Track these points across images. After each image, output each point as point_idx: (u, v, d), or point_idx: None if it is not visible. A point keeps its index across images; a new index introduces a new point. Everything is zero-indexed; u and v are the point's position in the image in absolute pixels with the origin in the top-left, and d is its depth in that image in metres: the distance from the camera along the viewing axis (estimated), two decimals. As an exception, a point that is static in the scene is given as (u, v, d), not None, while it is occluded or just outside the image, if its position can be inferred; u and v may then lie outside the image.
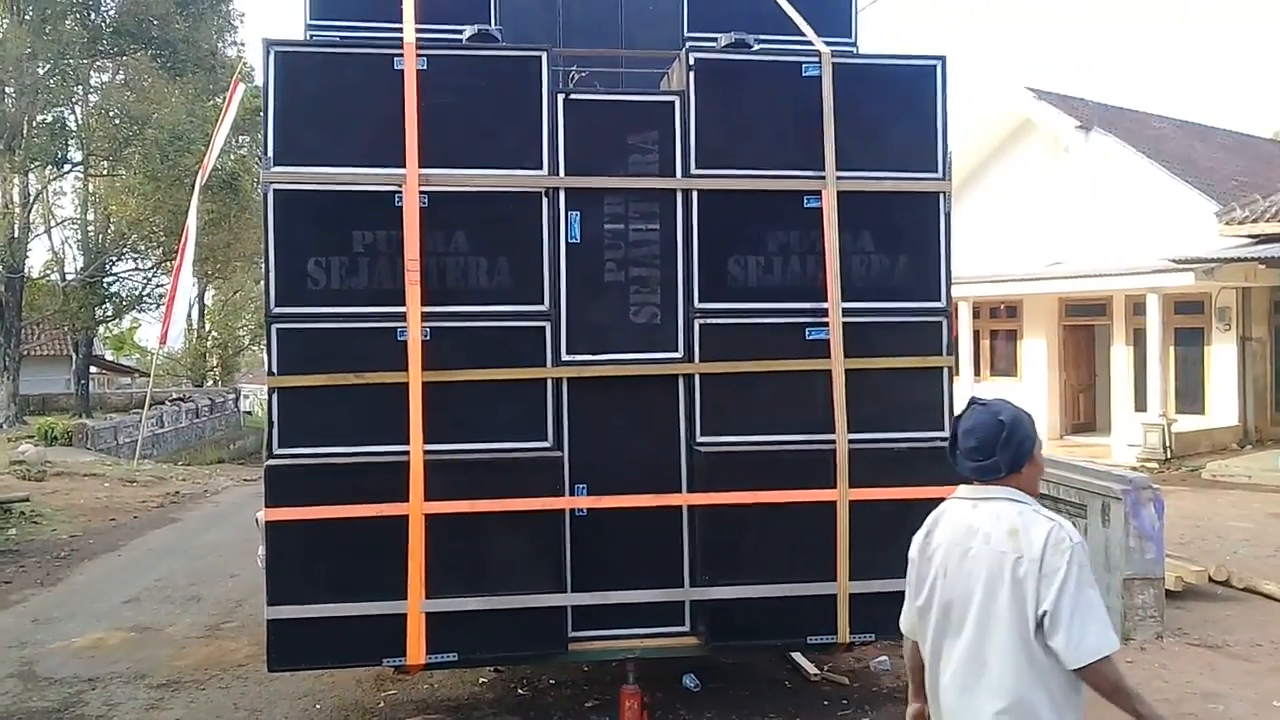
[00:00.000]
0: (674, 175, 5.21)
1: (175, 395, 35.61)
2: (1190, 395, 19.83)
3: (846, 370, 5.19)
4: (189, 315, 38.77)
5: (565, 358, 5.13)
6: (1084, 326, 22.38)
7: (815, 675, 5.98)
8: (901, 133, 5.40)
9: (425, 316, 4.89)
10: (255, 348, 49.74)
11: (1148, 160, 19.94)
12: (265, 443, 4.99)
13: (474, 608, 4.83)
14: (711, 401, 5.21)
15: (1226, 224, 17.06)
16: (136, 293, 31.00)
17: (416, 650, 4.78)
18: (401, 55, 4.95)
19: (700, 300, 5.21)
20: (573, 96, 5.19)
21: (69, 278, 29.13)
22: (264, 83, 4.92)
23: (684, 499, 5.18)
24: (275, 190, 4.90)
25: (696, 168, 5.21)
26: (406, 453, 4.80)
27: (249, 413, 45.09)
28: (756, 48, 5.39)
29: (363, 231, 4.95)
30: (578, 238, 5.15)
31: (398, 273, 4.92)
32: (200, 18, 28.77)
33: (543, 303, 5.08)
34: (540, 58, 5.08)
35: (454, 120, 5.02)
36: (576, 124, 5.15)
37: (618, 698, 5.21)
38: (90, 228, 29.37)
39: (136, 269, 30.57)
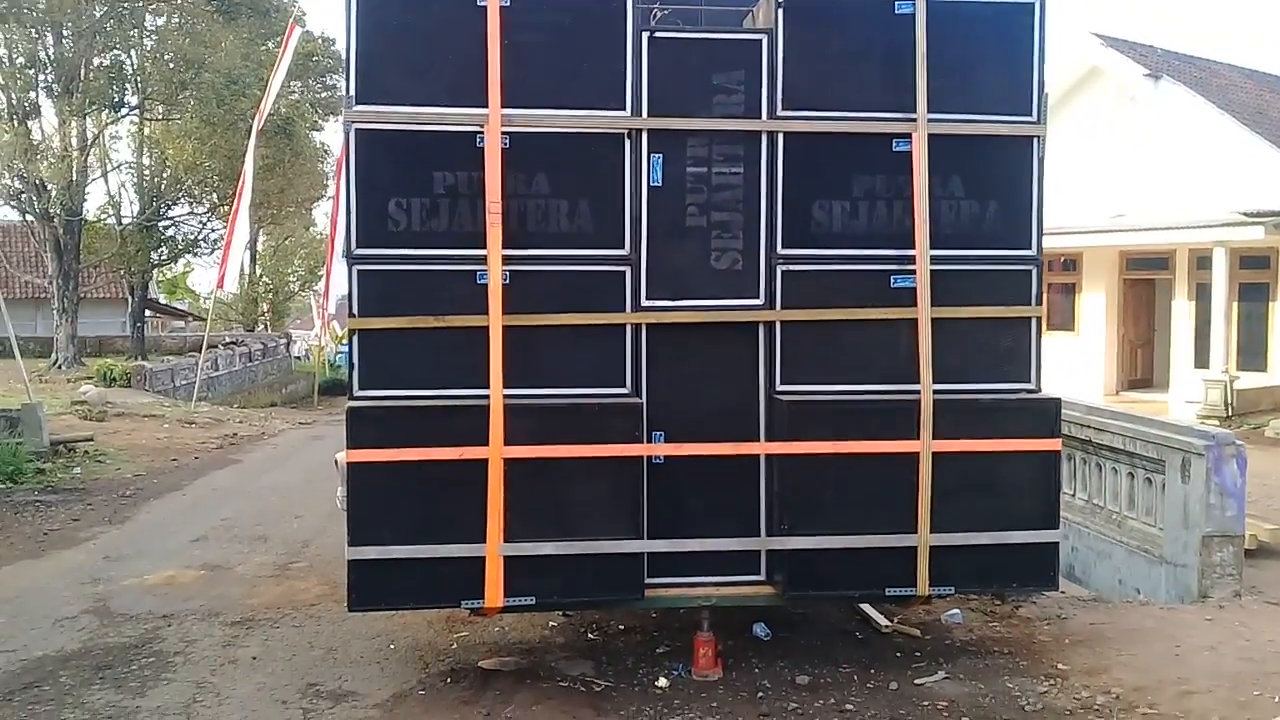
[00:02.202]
0: (759, 117, 5.08)
1: (228, 339, 36.05)
2: (1253, 352, 19.42)
3: (932, 319, 5.07)
4: (242, 261, 39.09)
5: (645, 303, 5.05)
6: (1144, 280, 21.95)
7: (887, 627, 5.92)
8: (996, 74, 5.23)
9: (505, 260, 4.83)
10: (305, 293, 50.21)
11: (1218, 110, 19.37)
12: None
13: (551, 552, 4.82)
14: (792, 350, 5.13)
15: (1302, 177, 16.54)
16: (191, 237, 31.27)
17: (494, 593, 4.78)
18: (484, -9, 4.84)
19: (783, 246, 5.11)
20: (657, 35, 5.06)
21: (125, 222, 29.36)
22: (345, 20, 4.83)
23: (762, 448, 5.12)
24: (357, 129, 4.84)
25: (783, 109, 5.07)
26: (486, 397, 4.77)
27: (299, 357, 45.60)
28: (847, -17, 5.22)
29: (444, 172, 4.89)
30: (659, 181, 5.05)
31: (478, 215, 4.86)
32: (254, -40, 28.65)
33: (623, 247, 5.01)
34: (625, -5, 4.96)
35: (537, 59, 4.92)
36: (660, 63, 5.03)
37: (691, 644, 5.20)
38: (146, 172, 29.53)
39: (191, 213, 30.77)
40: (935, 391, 5.02)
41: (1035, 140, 5.26)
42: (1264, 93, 22.98)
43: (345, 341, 45.42)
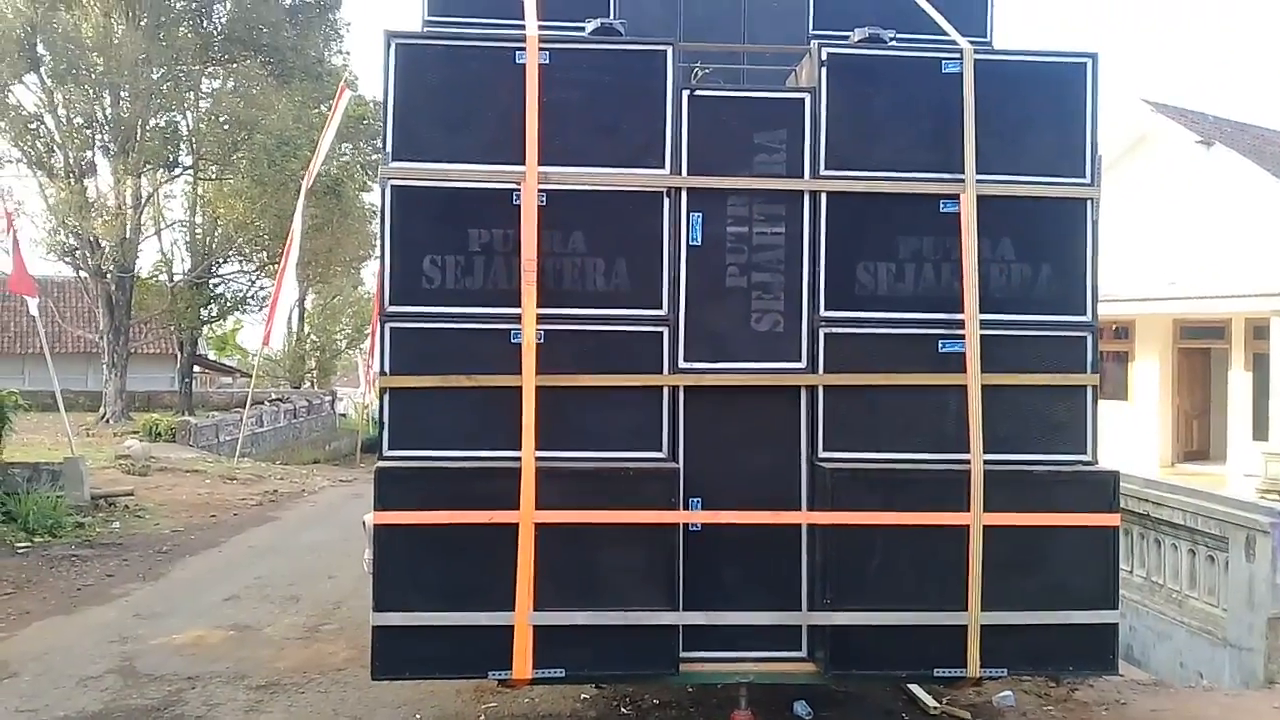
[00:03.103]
0: (802, 176, 4.96)
1: (274, 396, 36.34)
2: (1315, 425, 18.84)
3: (982, 386, 4.87)
4: (289, 318, 39.54)
5: (683, 365, 4.90)
6: (1199, 350, 21.46)
7: (935, 709, 5.64)
8: (1047, 135, 5.08)
9: (540, 319, 4.72)
10: (351, 352, 50.66)
11: (1273, 178, 19.03)
12: (375, 443, 4.88)
13: (583, 622, 4.63)
14: (835, 415, 4.94)
15: (1362, 245, 16.15)
16: (241, 294, 31.71)
17: (523, 664, 4.59)
18: (523, 49, 4.79)
19: (826, 308, 4.95)
20: (698, 93, 4.97)
21: (176, 278, 29.86)
22: (384, 76, 4.79)
23: (804, 517, 4.92)
24: (393, 186, 4.78)
25: (826, 169, 4.95)
26: (518, 459, 4.62)
27: (344, 415, 45.86)
28: (892, 42, 5.12)
29: (479, 230, 4.80)
30: (699, 240, 4.93)
31: (513, 273, 4.75)
32: (309, 26, 29.33)
33: (661, 307, 4.87)
34: (665, 52, 4.88)
35: (575, 116, 4.85)
36: (701, 121, 4.93)
37: (728, 722, 4.97)
38: (198, 230, 30.11)
39: (241, 271, 31.24)
40: (986, 462, 4.80)
41: (1089, 203, 5.09)
42: (1320, 160, 22.60)
43: (389, 400, 45.82)
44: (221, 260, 30.18)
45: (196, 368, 35.11)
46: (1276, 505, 6.72)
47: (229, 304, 32.06)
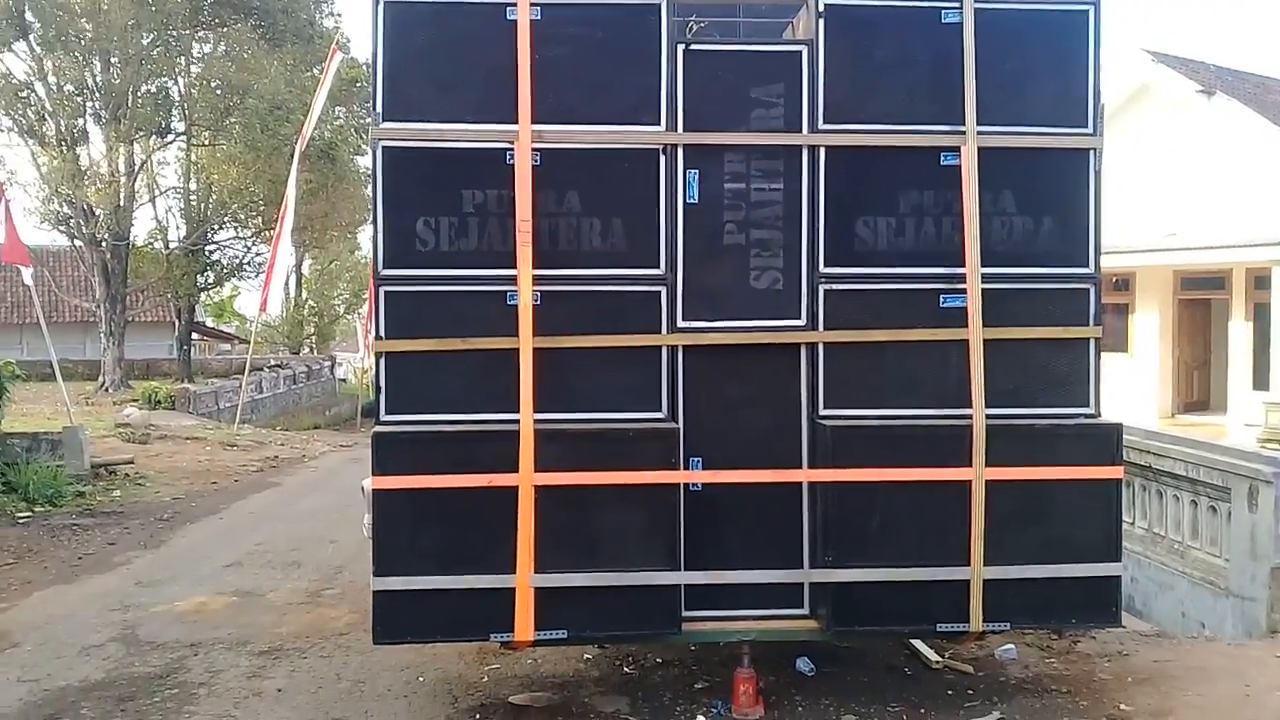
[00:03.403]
0: (800, 131, 4.89)
1: (273, 362, 36.32)
2: (1315, 374, 18.84)
3: (984, 341, 4.83)
4: (286, 284, 39.45)
5: (681, 324, 4.86)
6: (1200, 300, 21.43)
7: (937, 663, 5.65)
8: (1048, 85, 5.00)
9: (536, 280, 4.66)
10: (350, 316, 50.56)
11: (1275, 126, 18.88)
12: (374, 408, 4.84)
13: (584, 584, 4.62)
14: (836, 372, 4.91)
15: (1364, 193, 16.06)
16: (237, 261, 31.54)
17: (525, 626, 4.59)
18: (514, 5, 4.70)
19: (825, 265, 4.89)
20: (693, 47, 4.89)
21: (172, 246, 29.70)
22: (372, 36, 4.71)
23: (805, 475, 4.89)
24: (384, 147, 4.70)
25: (824, 123, 4.88)
26: (516, 421, 4.58)
27: (343, 380, 45.87)
28: (889, -8, 5.02)
29: (473, 190, 4.74)
30: (696, 198, 4.87)
31: (508, 234, 4.69)
32: (298, -13, 28.97)
33: (658, 266, 4.82)
34: (659, 6, 4.79)
35: (568, 73, 4.77)
36: (696, 76, 4.85)
37: (731, 680, 4.96)
38: (192, 197, 29.90)
39: (237, 237, 31.05)
40: (988, 416, 4.77)
41: (1091, 153, 5.02)
42: (1321, 108, 22.43)
43: (388, 364, 45.71)
44: (217, 226, 30.02)
45: (195, 335, 35.02)
46: (1278, 454, 6.70)
47: (226, 270, 31.92)
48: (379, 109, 4.70)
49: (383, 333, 4.74)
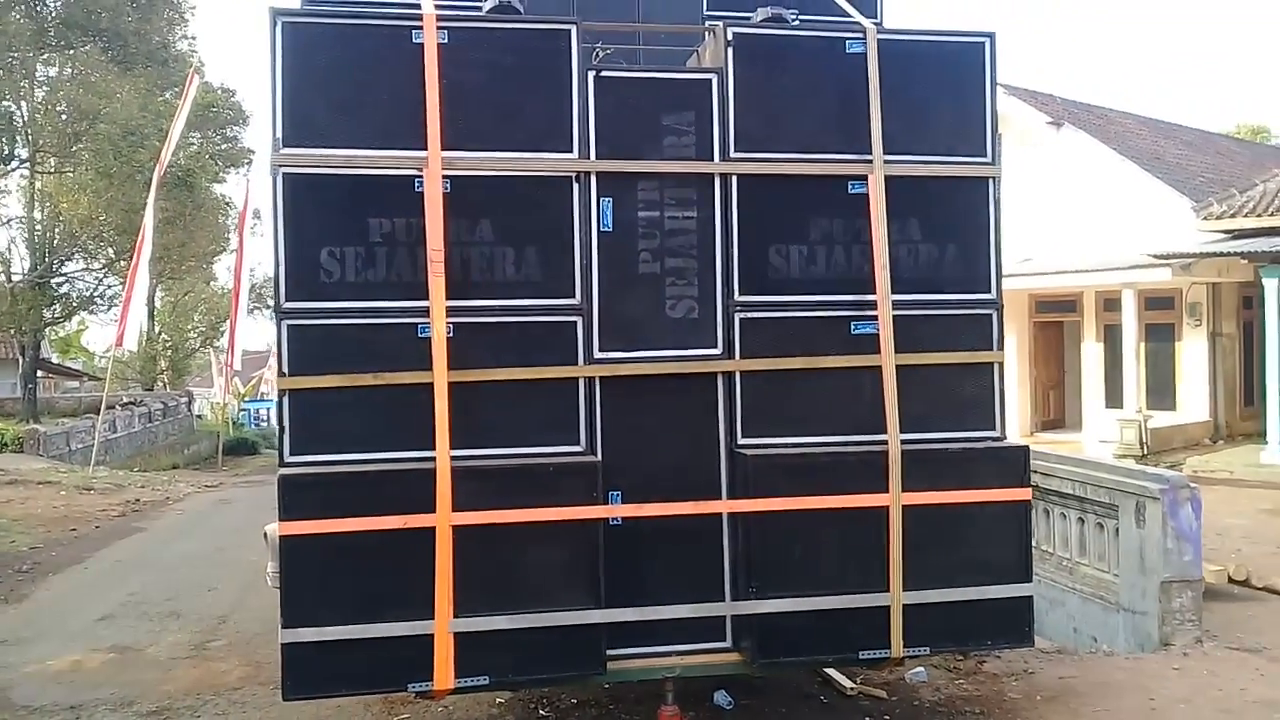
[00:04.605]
0: (711, 159, 4.87)
1: (126, 399, 34.60)
2: (1161, 391, 19.89)
3: (895, 366, 4.87)
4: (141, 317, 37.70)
5: (598, 355, 4.76)
6: (1054, 323, 22.41)
7: (851, 689, 5.67)
8: (948, 114, 5.09)
9: (449, 311, 4.50)
10: (205, 350, 48.69)
11: (1119, 156, 19.98)
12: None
13: (506, 626, 4.45)
14: (753, 401, 4.87)
15: (1204, 219, 17.10)
16: (87, 294, 30.03)
17: (444, 674, 4.38)
18: (421, 28, 4.56)
19: (740, 293, 4.87)
20: (603, 74, 4.82)
21: (15, 278, 28.12)
22: (271, 57, 4.47)
23: (726, 505, 4.84)
24: (285, 174, 4.47)
25: (735, 151, 4.86)
26: (431, 459, 4.40)
27: (200, 416, 44.14)
28: (796, 22, 5.06)
29: (380, 219, 4.55)
30: (610, 226, 4.79)
31: (419, 264, 4.52)
32: (151, 9, 27.86)
33: (574, 296, 4.71)
34: (570, 31, 4.72)
35: (477, 99, 4.63)
36: (608, 103, 4.79)
37: (651, 717, 4.86)
38: (38, 227, 28.36)
39: (87, 269, 29.59)
40: (901, 441, 4.81)
41: (990, 181, 5.13)
42: (1158, 139, 23.83)
43: (249, 399, 44.01)
44: (65, 258, 28.51)
45: (40, 372, 33.15)
46: (1166, 472, 6.96)
47: (75, 304, 30.32)
48: (279, 134, 4.48)
49: (285, 369, 4.49)
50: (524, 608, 4.46)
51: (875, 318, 4.90)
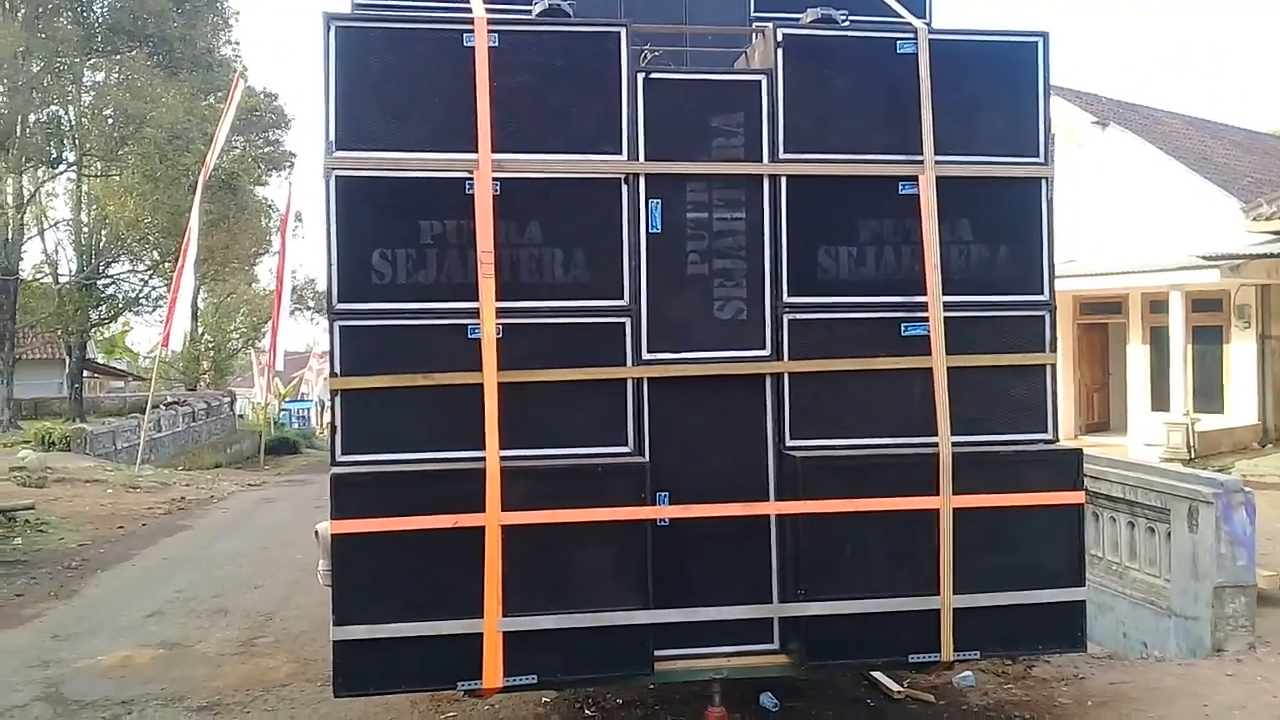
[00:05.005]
0: (761, 160, 4.85)
1: (170, 399, 35.08)
2: (1209, 394, 19.60)
3: (947, 368, 4.84)
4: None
5: (646, 356, 4.76)
6: (1098, 325, 22.15)
7: (899, 693, 5.63)
8: (1001, 114, 5.05)
9: (498, 312, 4.52)
10: (247, 351, 49.26)
11: (1167, 156, 19.71)
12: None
13: (554, 626, 4.46)
14: (802, 403, 4.85)
15: (1254, 219, 16.84)
16: (132, 295, 30.50)
17: (493, 672, 4.40)
18: (472, 31, 4.58)
19: (789, 294, 4.85)
20: (653, 75, 4.82)
21: (63, 280, 28.60)
22: (324, 61, 4.52)
23: (774, 507, 4.82)
24: (338, 177, 4.51)
25: (785, 152, 4.85)
26: (481, 459, 4.43)
27: (242, 416, 44.63)
28: (846, 23, 5.04)
29: (431, 221, 4.58)
30: (659, 227, 4.79)
31: (469, 265, 4.55)
32: (196, 15, 28.31)
33: (622, 297, 4.71)
34: (619, 34, 4.72)
35: (528, 101, 4.65)
36: (657, 105, 4.79)
37: (698, 718, 4.86)
38: (85, 229, 28.84)
39: (132, 271, 30.05)
40: (953, 444, 4.77)
41: (1043, 182, 5.08)
42: (1205, 138, 23.49)
43: (290, 399, 44.36)
44: (111, 260, 28.98)
45: (86, 372, 33.69)
46: (1219, 476, 6.86)
47: (120, 305, 30.81)
48: (332, 137, 4.52)
49: (338, 369, 4.53)
50: (572, 608, 4.47)
51: (926, 319, 4.87)
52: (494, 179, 4.56)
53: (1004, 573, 4.80)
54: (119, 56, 26.69)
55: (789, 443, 4.82)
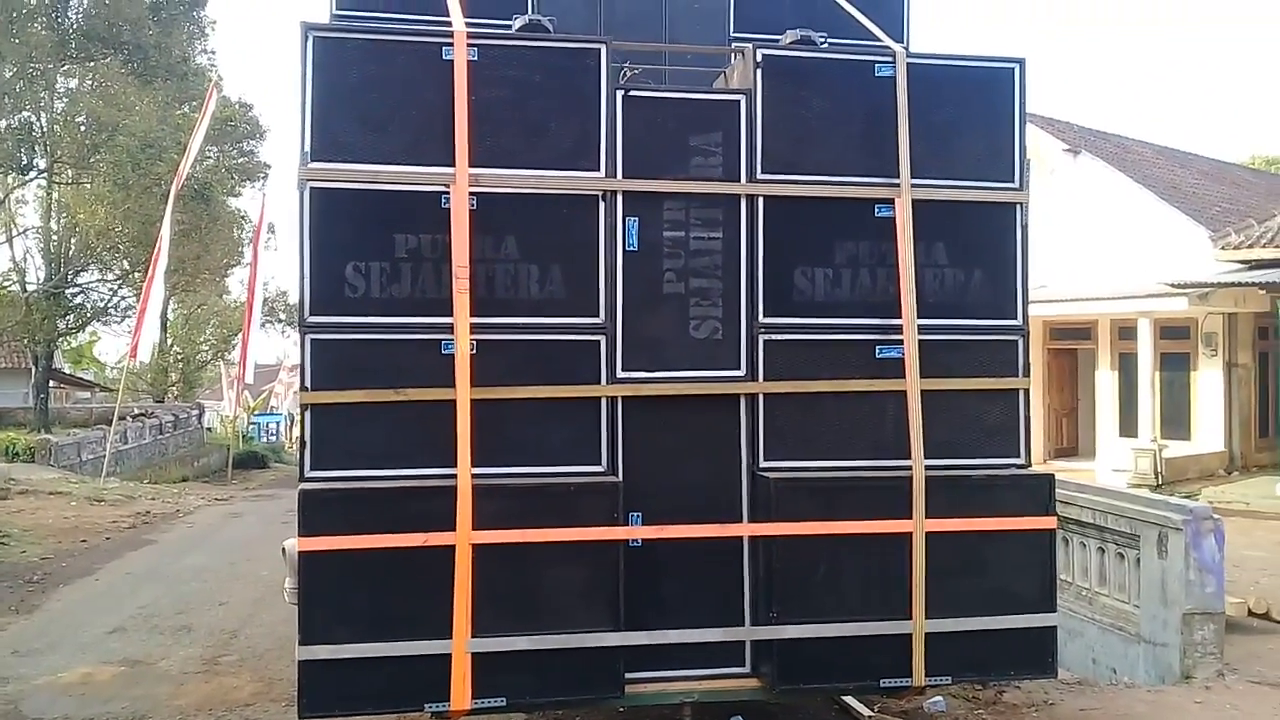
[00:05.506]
0: (738, 180, 4.85)
1: (137, 411, 34.64)
2: (1176, 421, 19.78)
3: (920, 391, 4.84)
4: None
5: (621, 375, 4.73)
6: (1068, 350, 22.34)
7: (870, 717, 5.60)
8: (977, 139, 5.08)
9: (473, 328, 4.48)
10: (216, 363, 48.79)
11: (1137, 185, 19.94)
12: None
13: (524, 647, 4.41)
14: (776, 423, 4.84)
15: (1222, 248, 17.04)
16: (101, 304, 30.13)
17: (461, 694, 4.35)
18: (451, 45, 4.55)
19: (765, 315, 4.84)
20: (632, 93, 4.81)
21: (31, 288, 28.23)
22: (301, 71, 4.48)
23: (747, 529, 4.80)
24: (312, 188, 4.47)
25: (762, 172, 4.85)
26: (452, 476, 4.37)
27: (210, 429, 44.15)
28: (825, 45, 5.05)
29: (406, 235, 4.53)
30: (635, 245, 4.77)
31: (443, 280, 4.51)
32: (172, 23, 28.05)
33: (598, 315, 4.69)
34: (599, 50, 4.71)
35: (506, 116, 4.63)
36: (635, 123, 4.78)
37: (667, 742, 4.81)
38: (54, 237, 28.50)
39: (101, 280, 29.70)
40: (926, 468, 4.77)
41: (1018, 207, 5.11)
42: (1175, 168, 23.79)
43: (259, 413, 43.92)
44: (80, 269, 28.62)
45: (52, 383, 33.22)
46: (1188, 502, 6.89)
47: (89, 315, 30.42)
48: (307, 148, 4.47)
49: (308, 383, 4.48)
50: (542, 629, 4.43)
51: (900, 342, 4.87)
52: (470, 193, 4.52)
53: (976, 597, 4.80)
54: (93, 63, 26.39)
55: (762, 464, 4.79)
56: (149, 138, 24.66)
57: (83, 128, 26.19)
